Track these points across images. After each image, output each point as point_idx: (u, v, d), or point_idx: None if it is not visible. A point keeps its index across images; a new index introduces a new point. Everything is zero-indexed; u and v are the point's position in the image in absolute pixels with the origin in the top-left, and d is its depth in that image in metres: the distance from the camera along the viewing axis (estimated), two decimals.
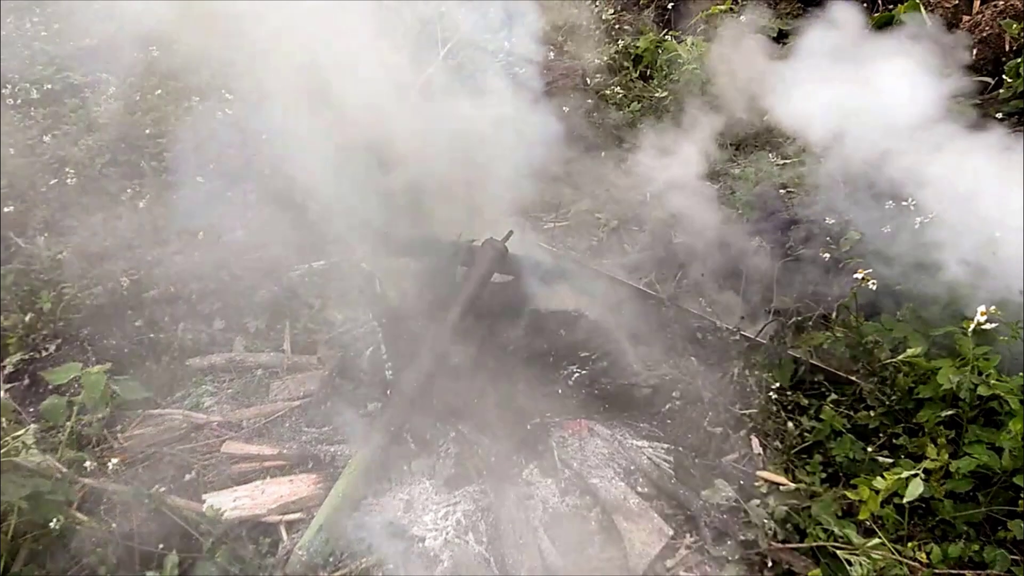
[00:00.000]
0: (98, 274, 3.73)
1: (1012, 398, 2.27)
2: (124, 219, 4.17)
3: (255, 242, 4.01)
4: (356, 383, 3.13)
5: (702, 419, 3.01)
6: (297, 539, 2.33)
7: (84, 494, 2.50)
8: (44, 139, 4.65)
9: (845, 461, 2.56)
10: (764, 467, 2.71)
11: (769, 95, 4.27)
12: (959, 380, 2.35)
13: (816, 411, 2.81)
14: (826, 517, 2.34)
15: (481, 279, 3.08)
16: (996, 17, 4.50)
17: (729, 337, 3.32)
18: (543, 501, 2.63)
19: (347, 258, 4.40)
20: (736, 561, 2.34)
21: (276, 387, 3.25)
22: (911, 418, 2.57)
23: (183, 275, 3.73)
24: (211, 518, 2.36)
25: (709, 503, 2.54)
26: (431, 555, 2.39)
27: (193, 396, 3.17)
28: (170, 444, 2.85)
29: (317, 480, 2.63)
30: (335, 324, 3.77)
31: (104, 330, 3.47)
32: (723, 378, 3.17)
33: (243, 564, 2.27)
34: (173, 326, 3.49)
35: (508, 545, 2.36)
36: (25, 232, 4.08)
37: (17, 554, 2.22)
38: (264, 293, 3.79)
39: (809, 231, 3.59)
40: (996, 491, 2.26)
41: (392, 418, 2.58)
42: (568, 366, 3.13)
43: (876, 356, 2.83)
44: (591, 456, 2.84)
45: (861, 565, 2.10)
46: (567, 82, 5.65)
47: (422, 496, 2.63)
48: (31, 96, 5.19)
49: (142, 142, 4.78)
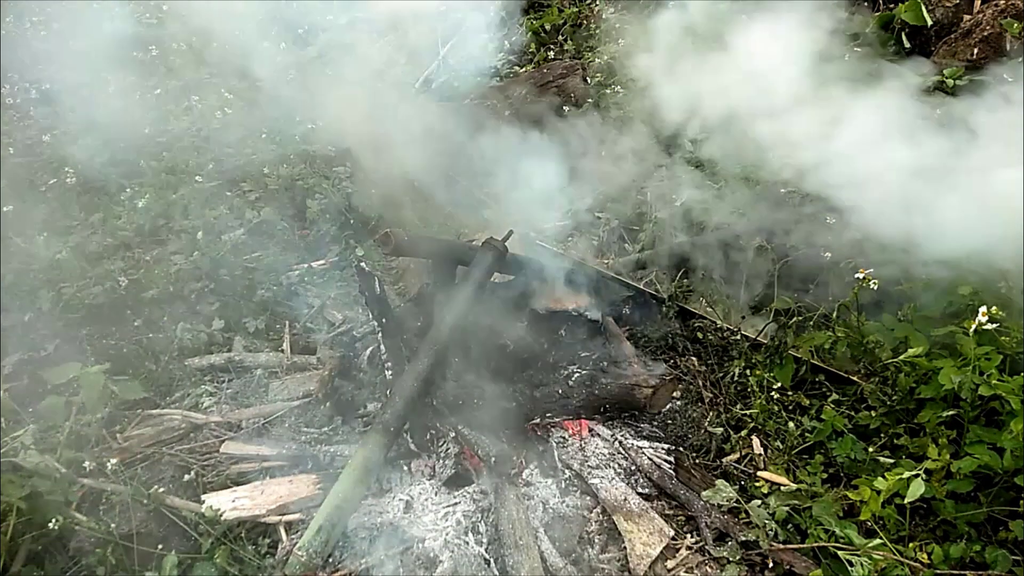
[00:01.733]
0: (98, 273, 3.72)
1: (1013, 398, 2.26)
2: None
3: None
4: (356, 383, 3.13)
5: (702, 419, 3.01)
6: (296, 539, 2.32)
7: (83, 494, 2.50)
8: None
9: (846, 461, 2.56)
10: (765, 467, 2.70)
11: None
12: (960, 380, 2.34)
13: (817, 411, 2.81)
14: (827, 517, 2.34)
15: (481, 279, 3.07)
16: (996, 17, 4.49)
17: (729, 337, 3.32)
18: (543, 502, 2.63)
19: (347, 258, 4.41)
20: (737, 562, 2.34)
21: (275, 387, 3.24)
22: (912, 418, 2.57)
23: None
24: (210, 518, 2.35)
25: (710, 503, 2.53)
26: (431, 555, 2.39)
27: (192, 396, 3.16)
28: (169, 444, 2.85)
29: (317, 480, 2.62)
30: (335, 324, 3.77)
31: (103, 330, 3.47)
32: (723, 378, 3.17)
33: (242, 564, 2.27)
34: (172, 326, 3.49)
35: (508, 546, 2.36)
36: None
37: (16, 554, 2.22)
38: (264, 293, 3.79)
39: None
40: (997, 491, 2.25)
41: (392, 418, 2.57)
42: (568, 366, 3.13)
43: (877, 356, 2.83)
44: (591, 456, 2.84)
45: (862, 566, 2.10)
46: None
47: (422, 496, 2.63)
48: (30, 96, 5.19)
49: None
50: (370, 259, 4.40)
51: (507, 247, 3.20)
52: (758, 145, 3.75)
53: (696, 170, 4.32)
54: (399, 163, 4.90)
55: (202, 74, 5.33)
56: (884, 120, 3.27)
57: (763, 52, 3.73)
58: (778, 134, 3.58)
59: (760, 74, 3.71)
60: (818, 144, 3.38)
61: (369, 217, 4.61)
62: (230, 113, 4.82)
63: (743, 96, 3.78)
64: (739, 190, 4.27)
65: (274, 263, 4.05)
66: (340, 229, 4.52)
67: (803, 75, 3.57)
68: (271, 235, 4.25)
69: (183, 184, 4.39)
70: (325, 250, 4.51)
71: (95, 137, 4.63)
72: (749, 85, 3.75)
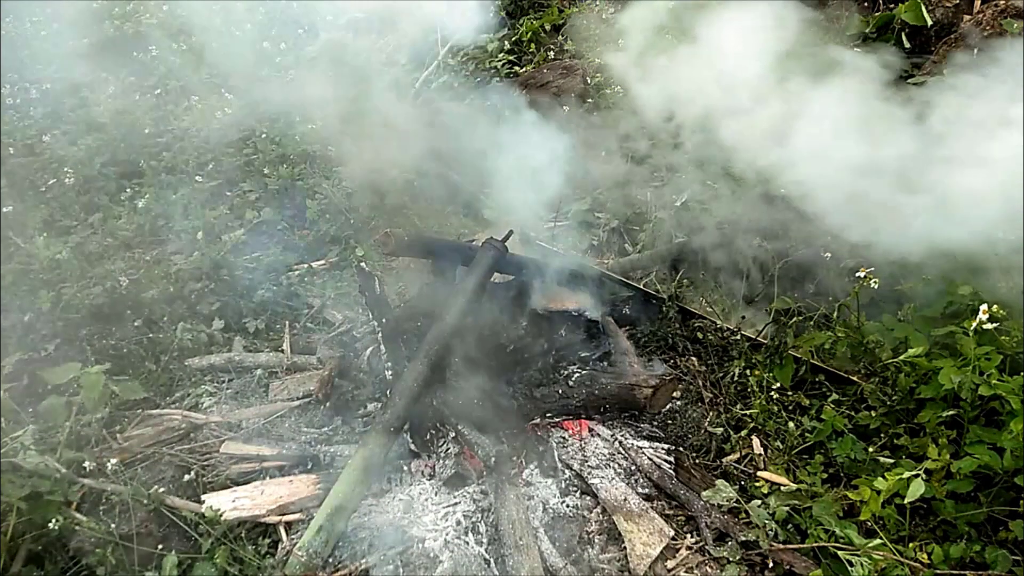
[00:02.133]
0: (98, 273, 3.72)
1: (1013, 398, 2.26)
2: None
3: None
4: (356, 383, 3.13)
5: (702, 419, 3.01)
6: (296, 539, 2.32)
7: (83, 494, 2.50)
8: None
9: (846, 461, 2.56)
10: (765, 467, 2.70)
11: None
12: (960, 380, 2.34)
13: (817, 411, 2.81)
14: (827, 517, 2.34)
15: (481, 279, 3.07)
16: (997, 16, 4.49)
17: (729, 337, 3.32)
18: (543, 502, 2.63)
19: (347, 258, 4.41)
20: (737, 562, 2.34)
21: (275, 387, 3.24)
22: (912, 418, 2.57)
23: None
24: (210, 518, 2.35)
25: (710, 503, 2.53)
26: (431, 555, 2.39)
27: (192, 396, 3.16)
28: (169, 444, 2.85)
29: (317, 480, 2.62)
30: (335, 324, 3.77)
31: (103, 330, 3.47)
32: (723, 378, 3.17)
33: (242, 564, 2.27)
34: (172, 326, 3.49)
35: (508, 546, 2.36)
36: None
37: (16, 554, 2.22)
38: (264, 293, 3.79)
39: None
40: (997, 491, 2.25)
41: (392, 418, 2.57)
42: (568, 366, 3.13)
43: (877, 356, 2.83)
44: (591, 456, 2.84)
45: (862, 566, 2.10)
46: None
47: (422, 496, 2.63)
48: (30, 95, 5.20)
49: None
50: (370, 259, 4.41)
51: (507, 247, 3.20)
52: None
53: (696, 169, 4.32)
54: (399, 163, 4.91)
55: (202, 74, 5.33)
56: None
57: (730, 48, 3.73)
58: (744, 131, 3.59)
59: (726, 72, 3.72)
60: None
61: (369, 217, 4.62)
62: (230, 113, 4.81)
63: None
64: (737, 189, 4.27)
65: (274, 263, 4.05)
66: (340, 229, 4.52)
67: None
68: (271, 235, 4.26)
69: (183, 184, 4.39)
70: (325, 250, 4.51)
71: (95, 137, 4.63)
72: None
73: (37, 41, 5.93)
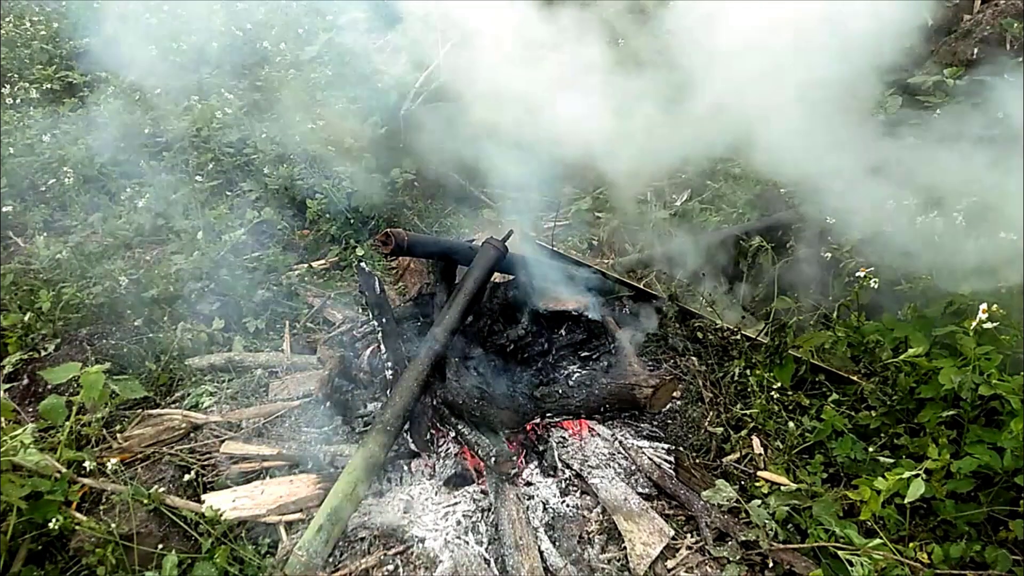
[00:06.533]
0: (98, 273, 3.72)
1: (1013, 398, 2.26)
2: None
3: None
4: (356, 383, 3.13)
5: (702, 419, 3.01)
6: (297, 539, 2.32)
7: (83, 494, 2.50)
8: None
9: (846, 461, 2.56)
10: (765, 467, 2.70)
11: None
12: (960, 380, 2.34)
13: (817, 411, 2.81)
14: (827, 517, 2.34)
15: (481, 279, 3.07)
16: (997, 17, 4.49)
17: (729, 337, 3.32)
18: (543, 502, 2.63)
19: (347, 258, 4.41)
20: (737, 562, 2.34)
21: (275, 387, 3.24)
22: (912, 418, 2.57)
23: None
24: (211, 518, 2.35)
25: (710, 503, 2.53)
26: (431, 555, 2.39)
27: (192, 396, 3.16)
28: (169, 444, 2.84)
29: (317, 480, 2.62)
30: (335, 324, 3.77)
31: (103, 330, 3.47)
32: (723, 378, 3.17)
33: (242, 565, 2.27)
34: (172, 326, 3.48)
35: (508, 546, 2.36)
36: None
37: (16, 554, 2.22)
38: (264, 293, 3.79)
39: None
40: (997, 491, 2.25)
41: (392, 418, 2.57)
42: (568, 366, 3.12)
43: (877, 356, 2.82)
44: (591, 456, 2.84)
45: (862, 565, 2.09)
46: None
47: (422, 496, 2.63)
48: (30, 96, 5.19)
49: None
50: (370, 259, 4.40)
51: (507, 247, 3.20)
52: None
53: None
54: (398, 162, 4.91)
55: (202, 74, 5.32)
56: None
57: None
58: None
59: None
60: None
61: (369, 217, 4.61)
62: (230, 113, 4.81)
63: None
64: (738, 189, 4.28)
65: (274, 263, 4.05)
66: (340, 229, 4.52)
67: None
68: (271, 235, 4.25)
69: (183, 184, 4.39)
70: (325, 250, 4.51)
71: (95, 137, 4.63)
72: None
73: (37, 41, 5.93)
